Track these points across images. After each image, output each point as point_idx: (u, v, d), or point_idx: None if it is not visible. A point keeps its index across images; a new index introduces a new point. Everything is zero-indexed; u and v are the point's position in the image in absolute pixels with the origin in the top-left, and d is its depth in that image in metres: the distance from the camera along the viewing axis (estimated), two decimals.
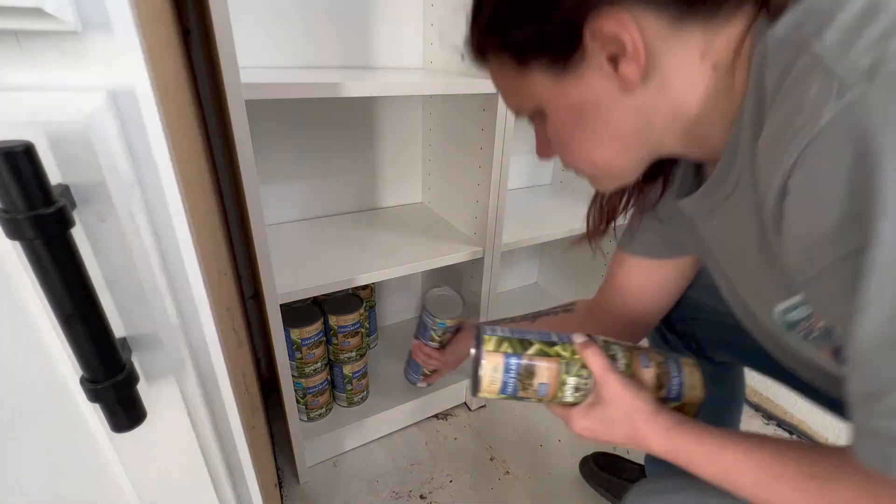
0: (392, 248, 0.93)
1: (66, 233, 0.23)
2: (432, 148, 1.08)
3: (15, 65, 0.24)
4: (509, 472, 0.99)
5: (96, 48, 0.24)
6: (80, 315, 0.25)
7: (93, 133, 0.24)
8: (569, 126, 0.39)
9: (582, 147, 0.39)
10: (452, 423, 1.11)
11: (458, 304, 0.81)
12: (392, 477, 0.97)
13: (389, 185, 1.13)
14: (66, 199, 0.23)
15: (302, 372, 0.93)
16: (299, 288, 0.76)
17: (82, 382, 0.26)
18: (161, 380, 0.32)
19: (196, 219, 0.36)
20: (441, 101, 1.00)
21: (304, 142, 0.98)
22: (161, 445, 0.35)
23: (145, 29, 0.27)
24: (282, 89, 0.63)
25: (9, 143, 0.21)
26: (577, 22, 0.33)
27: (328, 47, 0.91)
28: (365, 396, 1.05)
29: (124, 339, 0.30)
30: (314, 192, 1.04)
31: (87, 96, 0.24)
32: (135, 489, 0.36)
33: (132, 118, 0.26)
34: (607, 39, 0.32)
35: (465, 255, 0.93)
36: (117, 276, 0.28)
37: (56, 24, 0.22)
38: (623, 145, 0.38)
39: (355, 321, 0.96)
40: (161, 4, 0.43)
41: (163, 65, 0.34)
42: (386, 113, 1.04)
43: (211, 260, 0.43)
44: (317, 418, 0.99)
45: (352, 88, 0.67)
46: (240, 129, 0.60)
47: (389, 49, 0.98)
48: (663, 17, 0.32)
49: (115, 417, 0.28)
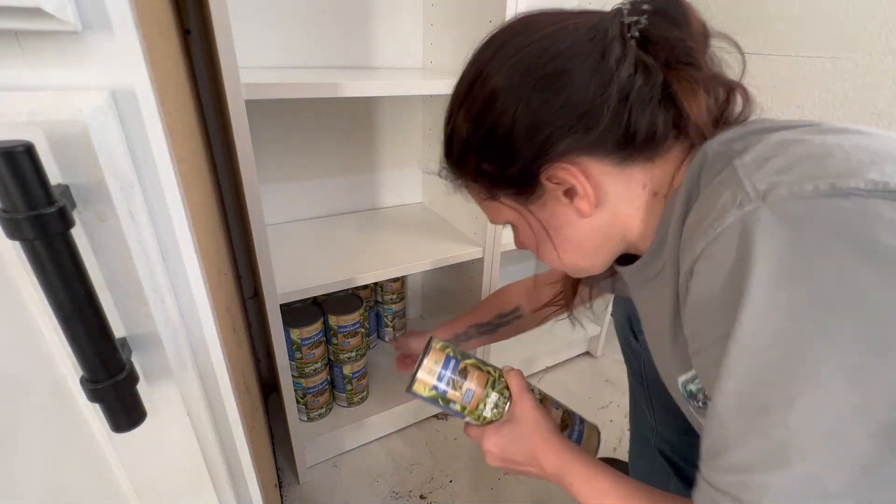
0: (392, 248, 0.93)
1: (67, 233, 0.23)
2: (432, 148, 1.08)
3: (15, 65, 0.24)
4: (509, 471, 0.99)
5: (96, 48, 0.24)
6: (80, 315, 0.25)
7: (93, 133, 0.24)
8: (537, 239, 0.45)
9: (550, 254, 0.46)
10: (452, 423, 1.11)
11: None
12: (392, 477, 0.97)
13: (389, 185, 1.13)
14: (66, 199, 0.23)
15: (302, 372, 0.93)
16: (299, 288, 0.76)
17: (82, 382, 0.26)
18: (161, 380, 0.32)
19: (196, 219, 0.36)
20: (441, 101, 1.00)
21: (304, 142, 0.98)
22: (161, 445, 0.35)
23: (145, 29, 0.27)
24: (282, 89, 0.63)
25: (9, 143, 0.21)
26: (532, 170, 0.40)
27: (328, 47, 0.91)
28: (365, 396, 1.05)
29: (124, 339, 0.30)
30: (314, 192, 1.04)
31: (87, 96, 0.24)
32: (135, 489, 0.36)
33: (132, 118, 0.26)
34: (561, 183, 0.40)
35: (465, 255, 0.93)
36: (117, 276, 0.28)
37: (56, 24, 0.22)
38: (586, 253, 0.45)
39: (355, 321, 0.96)
40: (161, 4, 0.43)
41: (163, 65, 0.34)
42: (386, 113, 1.04)
43: (211, 260, 0.43)
44: (317, 418, 0.99)
45: (352, 88, 0.67)
46: (240, 129, 0.60)
47: (389, 49, 0.98)
48: (608, 162, 0.39)
49: (115, 417, 0.28)
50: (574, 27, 0.39)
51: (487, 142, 0.41)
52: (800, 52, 0.98)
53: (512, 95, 0.39)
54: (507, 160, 0.40)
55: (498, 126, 0.40)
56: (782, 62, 1.01)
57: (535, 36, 0.39)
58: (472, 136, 0.42)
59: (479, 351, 1.07)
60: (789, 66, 1.00)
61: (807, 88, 0.99)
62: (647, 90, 0.37)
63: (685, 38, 0.38)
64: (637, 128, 0.38)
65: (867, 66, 0.90)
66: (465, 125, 0.42)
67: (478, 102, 0.41)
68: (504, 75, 0.39)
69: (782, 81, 1.02)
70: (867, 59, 0.89)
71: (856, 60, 0.91)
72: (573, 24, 0.39)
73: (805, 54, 0.97)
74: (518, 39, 0.40)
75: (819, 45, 0.95)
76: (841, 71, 0.93)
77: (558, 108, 0.38)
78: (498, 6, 0.74)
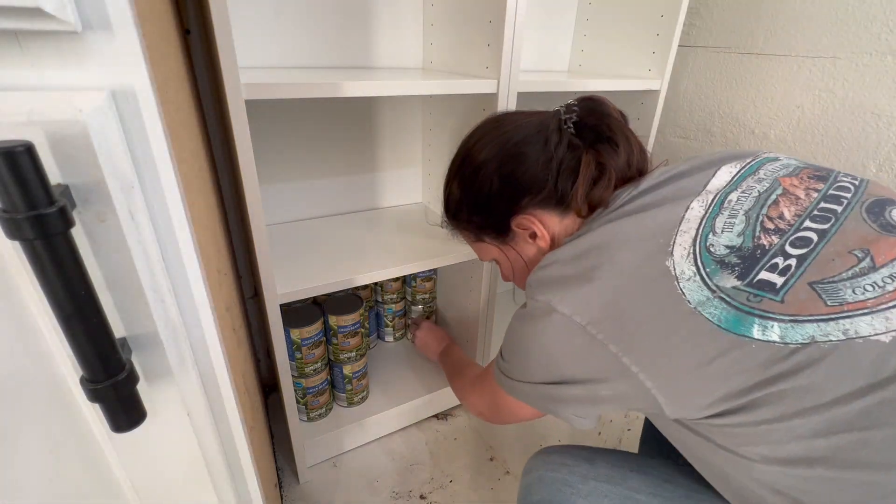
0: (392, 248, 0.93)
1: (67, 233, 0.23)
2: (432, 148, 1.08)
3: (15, 65, 0.24)
4: (509, 472, 0.99)
5: (96, 48, 0.24)
6: (80, 315, 0.25)
7: (93, 133, 0.24)
8: (514, 271, 0.65)
9: (524, 281, 0.60)
10: (452, 423, 1.11)
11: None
12: (392, 477, 0.97)
13: (389, 185, 1.13)
14: (66, 199, 0.23)
15: (302, 372, 0.93)
16: (299, 288, 0.76)
17: (82, 382, 0.26)
18: (161, 380, 0.32)
19: (196, 219, 0.36)
20: (441, 101, 1.00)
21: (304, 142, 0.98)
22: (161, 445, 0.35)
23: (145, 29, 0.27)
24: (282, 89, 0.63)
25: (9, 143, 0.21)
26: (505, 220, 0.58)
27: (328, 47, 0.91)
28: (365, 396, 1.05)
29: (124, 339, 0.30)
30: (314, 192, 1.04)
31: (87, 96, 0.24)
32: (135, 489, 0.36)
33: (132, 118, 0.26)
34: (524, 229, 0.57)
35: (466, 255, 0.93)
36: (117, 276, 0.28)
37: (56, 24, 0.22)
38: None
39: (355, 321, 0.96)
40: (161, 4, 0.42)
41: (163, 65, 0.34)
42: (386, 113, 1.04)
43: (211, 260, 0.43)
44: (317, 418, 0.99)
45: (352, 88, 0.67)
46: (240, 129, 0.60)
47: (389, 49, 0.98)
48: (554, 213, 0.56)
49: (115, 417, 0.28)
50: (527, 123, 0.56)
51: (474, 200, 0.59)
52: (800, 52, 0.98)
53: (489, 168, 0.56)
54: (489, 213, 0.59)
55: (482, 189, 0.58)
56: (782, 62, 1.01)
57: (503, 129, 0.57)
58: (462, 197, 0.61)
59: (479, 351, 1.07)
60: (789, 66, 1.00)
61: (807, 88, 0.99)
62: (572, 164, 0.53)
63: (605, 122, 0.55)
64: (564, 191, 0.54)
65: (867, 66, 0.90)
66: (458, 190, 0.61)
67: (467, 174, 0.59)
68: (484, 155, 0.57)
69: (782, 81, 1.02)
70: (867, 59, 0.89)
71: (856, 60, 0.91)
72: (527, 121, 0.57)
73: (805, 54, 0.97)
74: (493, 132, 0.58)
75: (819, 45, 0.95)
76: (841, 71, 0.93)
77: (519, 176, 0.55)
78: (498, 6, 0.74)
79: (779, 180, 0.48)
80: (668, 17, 0.94)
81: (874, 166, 0.93)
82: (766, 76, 1.04)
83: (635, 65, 1.04)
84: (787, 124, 1.04)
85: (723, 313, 0.40)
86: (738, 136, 1.13)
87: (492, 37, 0.77)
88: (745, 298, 0.40)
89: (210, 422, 0.36)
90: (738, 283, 0.41)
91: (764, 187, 0.48)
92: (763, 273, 0.41)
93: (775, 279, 0.40)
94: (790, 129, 1.04)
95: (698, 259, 0.43)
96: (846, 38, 0.91)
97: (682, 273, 0.42)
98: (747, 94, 1.09)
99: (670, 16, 0.94)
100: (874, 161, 0.93)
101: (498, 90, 0.79)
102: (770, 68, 1.03)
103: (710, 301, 0.41)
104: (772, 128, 1.07)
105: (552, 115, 0.57)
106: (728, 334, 0.39)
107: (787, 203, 0.46)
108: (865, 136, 0.93)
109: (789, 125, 1.03)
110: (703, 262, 0.43)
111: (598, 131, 0.55)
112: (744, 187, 0.48)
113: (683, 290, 0.42)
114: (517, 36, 0.76)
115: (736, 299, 0.40)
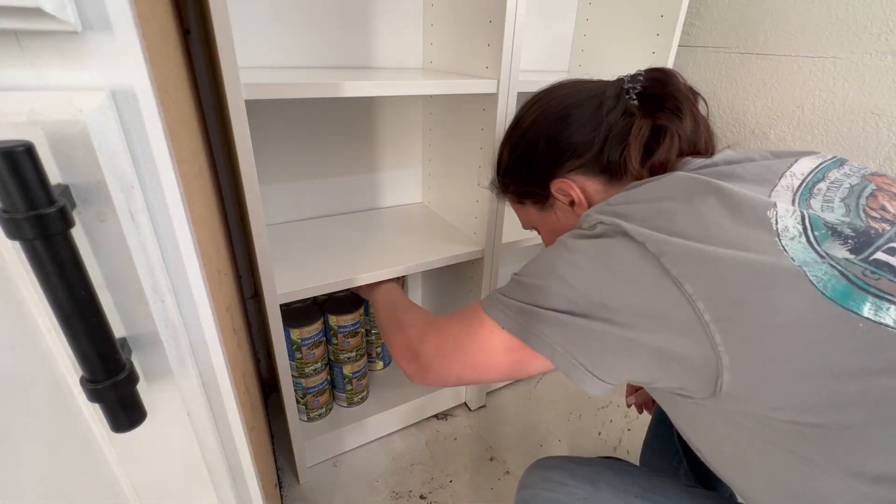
0: (392, 248, 0.93)
1: (67, 233, 0.23)
2: (432, 148, 1.08)
3: (15, 65, 0.24)
4: (509, 472, 0.99)
5: (96, 48, 0.24)
6: (80, 315, 0.25)
7: (93, 133, 0.24)
8: (553, 236, 0.57)
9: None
10: (452, 423, 1.11)
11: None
12: (392, 477, 0.97)
13: (389, 185, 1.13)
14: (66, 199, 0.23)
15: (302, 372, 0.93)
16: (299, 288, 0.76)
17: (82, 382, 0.26)
18: (161, 380, 0.32)
19: (196, 219, 0.36)
20: (441, 101, 1.00)
21: (304, 142, 0.98)
22: (161, 445, 0.35)
23: (145, 29, 0.27)
24: (282, 89, 0.63)
25: (9, 143, 0.21)
26: (545, 183, 0.57)
27: (328, 47, 0.91)
28: (365, 396, 1.05)
29: (124, 339, 0.30)
30: (314, 192, 1.04)
31: (87, 96, 0.24)
32: (135, 489, 0.36)
33: (132, 118, 0.26)
34: (563, 194, 0.56)
35: (465, 255, 0.93)
36: (117, 276, 0.28)
37: (56, 24, 0.22)
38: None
39: (355, 321, 0.96)
40: (161, 4, 0.43)
41: (163, 65, 0.34)
42: (386, 113, 1.04)
43: (211, 260, 0.43)
44: (317, 418, 0.99)
45: (352, 88, 0.67)
46: (240, 129, 0.60)
47: (389, 49, 0.98)
48: (597, 181, 0.54)
49: (115, 417, 0.28)
50: (585, 89, 0.56)
51: (518, 161, 0.60)
52: (800, 52, 0.98)
53: (536, 129, 0.57)
54: (530, 174, 0.59)
55: (526, 149, 0.58)
56: (782, 62, 1.01)
57: (555, 94, 0.58)
58: (509, 158, 0.62)
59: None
60: (789, 66, 1.00)
61: (807, 88, 0.99)
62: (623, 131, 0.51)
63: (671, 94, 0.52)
64: (611, 158, 0.52)
65: (867, 66, 0.90)
66: (506, 151, 0.62)
67: (515, 134, 0.60)
68: (532, 119, 0.58)
69: (782, 81, 1.02)
70: (867, 59, 0.89)
71: (856, 60, 0.91)
72: (582, 87, 0.57)
73: (805, 54, 0.97)
74: (546, 98, 0.58)
75: (819, 45, 0.95)
76: (841, 71, 0.93)
77: (564, 139, 0.54)
78: (498, 6, 0.74)
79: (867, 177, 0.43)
80: (668, 17, 0.94)
81: (874, 166, 0.93)
82: (766, 76, 1.04)
83: (636, 65, 1.03)
84: (787, 124, 1.04)
85: (831, 280, 0.34)
86: (738, 136, 1.13)
87: (492, 37, 0.77)
88: (860, 272, 0.34)
89: (210, 422, 0.36)
90: (851, 257, 0.35)
91: (854, 181, 0.43)
92: (880, 253, 0.35)
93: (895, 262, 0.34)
94: (790, 129, 1.04)
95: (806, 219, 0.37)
96: (846, 38, 0.91)
97: (784, 229, 0.36)
98: (747, 95, 1.09)
99: (670, 16, 0.94)
100: (874, 161, 0.93)
101: (498, 90, 0.79)
102: (770, 68, 1.03)
103: (817, 264, 0.34)
104: (772, 128, 1.07)
105: (614, 83, 0.56)
106: (832, 304, 0.33)
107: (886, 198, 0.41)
108: (865, 136, 0.93)
109: (789, 125, 1.03)
110: (812, 224, 0.37)
111: (660, 101, 0.51)
112: (832, 178, 0.43)
113: (786, 247, 0.35)
114: (517, 36, 0.76)
115: (850, 270, 0.34)
